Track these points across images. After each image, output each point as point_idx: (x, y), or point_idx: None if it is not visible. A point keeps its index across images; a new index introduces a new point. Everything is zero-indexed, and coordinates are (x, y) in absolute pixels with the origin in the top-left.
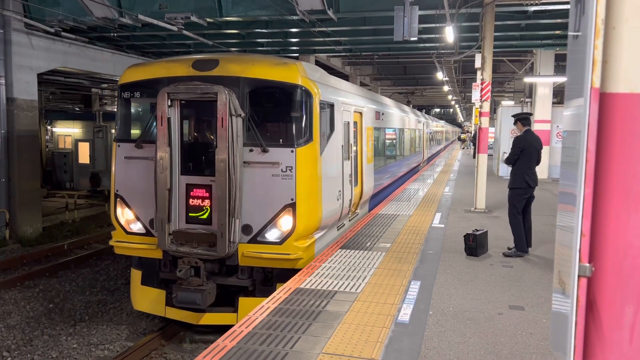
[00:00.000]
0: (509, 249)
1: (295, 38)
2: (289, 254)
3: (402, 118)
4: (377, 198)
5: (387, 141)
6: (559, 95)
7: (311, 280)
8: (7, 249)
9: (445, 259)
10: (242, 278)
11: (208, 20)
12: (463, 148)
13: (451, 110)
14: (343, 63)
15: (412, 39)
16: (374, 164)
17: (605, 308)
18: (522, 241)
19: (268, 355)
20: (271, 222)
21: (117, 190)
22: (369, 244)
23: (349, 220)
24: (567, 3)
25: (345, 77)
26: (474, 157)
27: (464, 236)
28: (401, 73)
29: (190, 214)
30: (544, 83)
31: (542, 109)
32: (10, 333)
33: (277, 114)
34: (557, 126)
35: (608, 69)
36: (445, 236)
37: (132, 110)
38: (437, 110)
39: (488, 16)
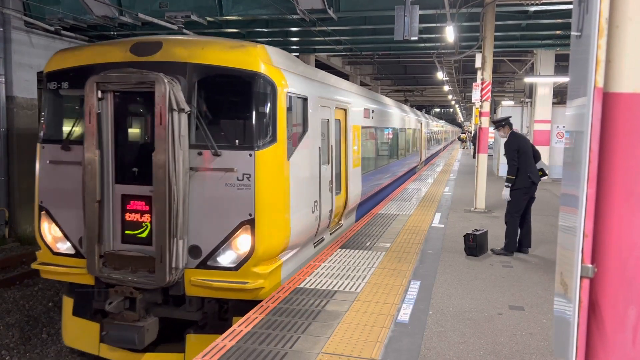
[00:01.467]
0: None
1: (296, 37)
2: (246, 283)
3: (397, 117)
4: (368, 204)
5: (379, 142)
6: (559, 96)
7: (310, 279)
8: (7, 248)
9: (445, 258)
10: (190, 310)
11: (208, 19)
12: (463, 148)
13: (451, 110)
14: (343, 62)
15: (412, 38)
16: (362, 167)
17: (608, 309)
18: (514, 242)
19: (268, 355)
20: (224, 242)
21: (41, 202)
22: (368, 243)
23: (331, 234)
24: (568, 3)
25: (345, 76)
26: (474, 157)
27: (464, 236)
28: (401, 73)
29: (126, 232)
30: (544, 83)
31: (542, 109)
32: (9, 331)
33: (233, 109)
34: (557, 126)
35: (611, 68)
36: (445, 236)
37: (61, 104)
38: (437, 110)
39: (488, 16)
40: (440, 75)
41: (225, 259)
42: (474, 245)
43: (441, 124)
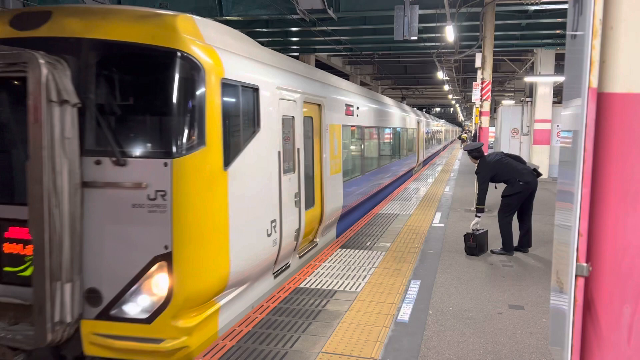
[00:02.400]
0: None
1: (296, 37)
2: (161, 341)
3: (389, 115)
4: (355, 215)
5: (367, 144)
6: (559, 95)
7: (311, 279)
8: None
9: (445, 258)
10: None
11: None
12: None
13: (451, 109)
14: (343, 62)
15: (412, 38)
16: (345, 174)
17: (603, 308)
18: (510, 242)
19: (268, 354)
20: (132, 285)
21: None
22: (368, 243)
23: (300, 257)
24: (567, 2)
25: (345, 76)
26: None
27: (464, 236)
28: (401, 72)
29: (5, 269)
30: (544, 82)
31: (542, 109)
32: None
33: (143, 101)
34: (558, 125)
35: (606, 69)
36: (446, 235)
37: None
38: (438, 109)
39: (488, 15)
40: (440, 74)
41: (134, 307)
42: (474, 244)
43: (441, 123)
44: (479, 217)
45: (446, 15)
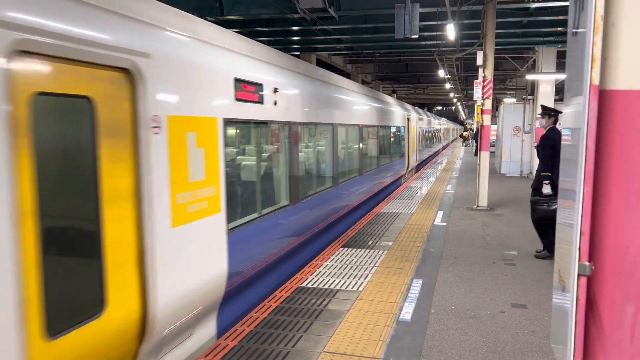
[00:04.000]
0: (538, 251)
1: (297, 36)
2: None
3: (354, 108)
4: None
5: (318, 149)
6: (561, 93)
7: (312, 279)
8: None
9: (447, 257)
10: None
11: (209, 19)
12: (465, 146)
13: (453, 108)
14: (345, 61)
15: (413, 36)
16: (232, 214)
17: (606, 307)
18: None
19: (270, 354)
20: None
21: None
22: (370, 242)
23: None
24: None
25: (347, 75)
26: (476, 154)
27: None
28: (403, 71)
29: None
30: (546, 80)
31: None
32: None
33: None
34: (559, 123)
35: (607, 65)
36: (447, 234)
37: None
38: (439, 108)
39: (489, 13)
40: (441, 73)
41: None
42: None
43: (442, 121)
44: (547, 183)
45: (447, 14)
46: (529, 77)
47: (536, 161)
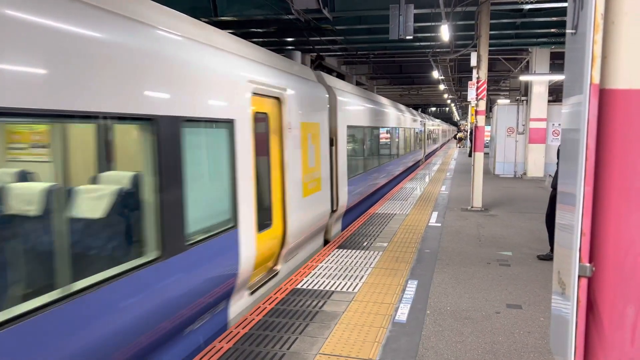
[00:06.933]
0: (543, 255)
1: (291, 37)
2: None
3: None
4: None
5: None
6: (555, 94)
7: (308, 280)
8: None
9: (442, 257)
10: None
11: (203, 20)
12: (460, 147)
13: (447, 109)
14: (339, 62)
15: (407, 37)
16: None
17: (607, 309)
18: None
19: (265, 356)
20: None
21: None
22: (365, 243)
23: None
24: (562, 0)
25: (341, 76)
26: (470, 155)
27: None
28: (397, 72)
29: None
30: (539, 81)
31: (538, 107)
32: None
33: None
34: (553, 124)
35: (608, 64)
36: (442, 235)
37: None
38: (434, 109)
39: (483, 14)
40: (435, 74)
41: None
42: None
43: (444, 126)
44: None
45: (441, 15)
46: (523, 78)
47: (531, 159)
